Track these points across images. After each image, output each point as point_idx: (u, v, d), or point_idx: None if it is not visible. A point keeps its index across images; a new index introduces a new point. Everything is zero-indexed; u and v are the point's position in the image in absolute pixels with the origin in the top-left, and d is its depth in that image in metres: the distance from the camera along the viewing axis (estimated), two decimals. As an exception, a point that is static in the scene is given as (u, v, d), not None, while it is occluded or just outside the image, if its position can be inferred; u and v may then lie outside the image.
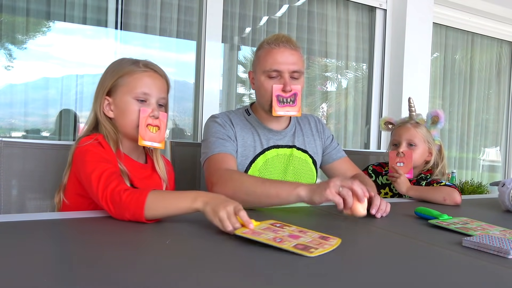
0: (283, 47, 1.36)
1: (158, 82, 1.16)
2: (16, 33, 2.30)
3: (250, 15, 2.83)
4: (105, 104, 1.14)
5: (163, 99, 1.17)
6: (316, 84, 3.24)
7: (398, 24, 3.14)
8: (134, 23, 2.50)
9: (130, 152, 1.18)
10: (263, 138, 1.44)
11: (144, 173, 1.20)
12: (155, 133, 1.12)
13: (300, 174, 1.48)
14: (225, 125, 1.41)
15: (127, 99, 1.12)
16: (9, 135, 2.34)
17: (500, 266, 0.74)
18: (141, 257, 0.69)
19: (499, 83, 4.05)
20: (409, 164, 1.62)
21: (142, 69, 1.14)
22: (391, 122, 1.83)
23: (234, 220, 0.85)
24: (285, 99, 1.36)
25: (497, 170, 4.10)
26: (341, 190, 1.02)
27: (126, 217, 0.92)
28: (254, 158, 1.41)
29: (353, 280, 0.64)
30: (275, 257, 0.73)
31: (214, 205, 0.88)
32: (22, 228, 0.86)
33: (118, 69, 1.14)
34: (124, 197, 0.91)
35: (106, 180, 0.96)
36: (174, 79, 2.71)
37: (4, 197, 1.26)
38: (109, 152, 1.09)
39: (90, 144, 1.07)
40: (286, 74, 1.35)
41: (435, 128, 1.73)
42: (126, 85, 1.12)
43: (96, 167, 0.99)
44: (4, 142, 1.27)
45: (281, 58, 1.36)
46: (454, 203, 1.47)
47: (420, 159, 1.69)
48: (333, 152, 1.58)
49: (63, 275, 0.60)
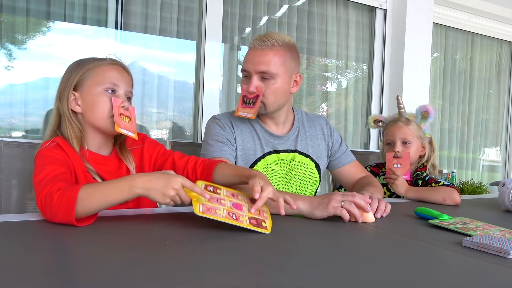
0: (256, 46, 1.33)
1: (125, 75, 1.15)
2: (16, 33, 2.30)
3: (250, 15, 2.83)
4: (71, 99, 1.10)
5: (130, 92, 1.16)
6: (316, 84, 3.24)
7: (398, 24, 3.15)
8: (134, 23, 2.50)
9: (99, 148, 1.15)
10: (263, 142, 1.42)
11: (113, 166, 1.16)
12: (128, 123, 1.11)
13: (303, 179, 1.46)
14: (225, 128, 1.39)
15: (96, 90, 1.09)
16: (9, 135, 2.34)
17: (500, 266, 0.74)
18: (141, 257, 0.69)
19: (499, 83, 4.05)
20: (406, 165, 1.62)
21: (108, 62, 1.13)
22: (380, 120, 1.83)
23: (184, 194, 0.89)
24: (248, 100, 1.33)
25: (497, 170, 4.11)
26: (344, 205, 1.05)
27: (58, 219, 0.85)
28: (254, 162, 1.40)
29: (353, 280, 0.64)
30: (275, 257, 0.73)
31: (159, 188, 0.88)
32: (22, 228, 0.86)
33: (83, 64, 1.12)
34: (56, 197, 0.85)
35: (46, 183, 0.90)
36: (174, 79, 2.71)
37: (4, 197, 1.26)
38: (70, 153, 1.06)
39: (46, 148, 1.03)
40: (253, 75, 1.32)
41: (425, 122, 1.74)
42: (94, 77, 1.10)
43: (42, 170, 0.95)
44: (4, 142, 1.27)
45: (249, 58, 1.34)
46: (454, 203, 1.48)
47: (415, 155, 1.71)
48: (342, 156, 1.56)
49: (63, 275, 0.60)
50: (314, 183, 1.50)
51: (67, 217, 0.84)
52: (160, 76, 2.68)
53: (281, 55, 1.33)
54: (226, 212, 0.90)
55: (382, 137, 1.80)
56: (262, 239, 0.86)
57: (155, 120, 2.70)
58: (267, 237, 0.88)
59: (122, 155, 1.18)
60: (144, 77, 2.59)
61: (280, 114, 1.44)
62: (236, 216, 0.90)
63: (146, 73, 2.61)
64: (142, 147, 1.23)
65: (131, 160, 1.19)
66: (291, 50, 1.37)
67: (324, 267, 0.69)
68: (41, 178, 0.93)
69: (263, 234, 0.88)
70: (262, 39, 1.32)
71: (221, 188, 1.00)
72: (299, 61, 1.42)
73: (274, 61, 1.31)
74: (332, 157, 1.56)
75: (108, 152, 1.18)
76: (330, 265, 0.71)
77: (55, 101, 1.13)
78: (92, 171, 1.08)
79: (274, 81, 1.33)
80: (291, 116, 1.51)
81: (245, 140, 1.41)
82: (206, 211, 0.87)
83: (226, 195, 1.00)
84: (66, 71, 1.14)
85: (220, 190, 1.01)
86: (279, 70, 1.32)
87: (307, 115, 1.58)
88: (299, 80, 1.43)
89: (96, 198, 0.87)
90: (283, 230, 0.97)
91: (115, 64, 1.14)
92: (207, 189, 0.97)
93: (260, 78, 1.32)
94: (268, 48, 1.31)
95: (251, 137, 1.42)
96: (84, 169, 1.08)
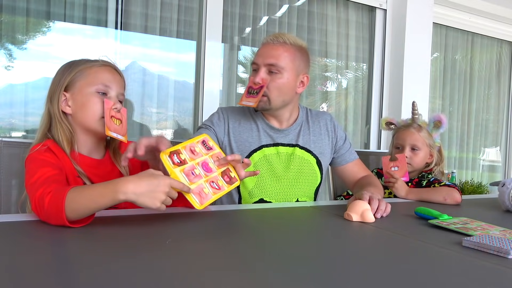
0: (269, 41, 1.39)
1: (117, 77, 1.13)
2: (16, 33, 2.30)
3: (250, 15, 2.83)
4: (62, 100, 1.09)
5: (122, 95, 1.15)
6: (316, 84, 3.24)
7: (398, 24, 3.14)
8: (134, 23, 2.50)
9: (91, 151, 1.14)
10: (262, 134, 1.44)
11: (104, 169, 1.15)
12: (118, 125, 1.10)
13: (301, 173, 1.47)
14: (219, 118, 1.45)
15: (87, 91, 1.08)
16: (9, 135, 2.34)
17: (500, 266, 0.74)
18: (141, 257, 0.69)
19: (499, 83, 4.04)
20: (403, 167, 1.62)
21: (100, 63, 1.12)
22: (393, 123, 1.83)
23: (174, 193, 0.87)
24: (253, 90, 1.37)
25: (497, 170, 4.10)
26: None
27: (52, 221, 0.85)
28: (250, 153, 1.42)
29: (353, 280, 0.64)
30: (275, 257, 0.73)
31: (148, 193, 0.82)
32: (22, 228, 0.86)
33: (75, 65, 1.10)
34: (47, 200, 0.84)
35: (38, 185, 0.89)
36: (174, 79, 2.71)
37: (4, 197, 1.26)
38: (61, 157, 1.04)
39: (37, 151, 1.02)
40: (261, 67, 1.37)
41: (437, 131, 1.75)
42: (85, 77, 1.09)
43: (34, 173, 0.94)
44: (4, 142, 1.27)
45: (260, 51, 1.39)
46: (454, 202, 1.48)
47: (422, 163, 1.72)
48: (346, 154, 1.57)
49: (63, 275, 0.60)
50: (313, 179, 1.50)
51: (60, 220, 0.83)
52: (160, 76, 2.68)
53: (291, 53, 1.38)
54: (209, 185, 0.97)
55: (392, 140, 1.81)
56: (262, 239, 0.86)
57: (155, 120, 2.70)
58: (267, 237, 0.88)
59: (115, 160, 1.17)
60: (144, 77, 2.59)
61: (284, 112, 1.46)
62: (216, 184, 0.99)
63: (146, 73, 2.61)
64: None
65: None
66: (302, 51, 1.42)
67: (324, 267, 0.69)
68: (34, 181, 0.92)
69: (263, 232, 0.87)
70: (275, 36, 1.38)
71: (180, 149, 0.99)
72: (308, 64, 1.46)
73: (284, 56, 1.37)
74: (336, 154, 1.57)
75: (100, 155, 1.17)
76: (330, 265, 0.71)
77: (46, 102, 1.11)
78: (82, 175, 1.06)
79: (281, 75, 1.36)
80: (295, 114, 1.52)
81: (241, 131, 1.45)
82: (202, 200, 0.93)
83: (190, 157, 0.99)
84: (57, 72, 1.12)
85: (182, 154, 0.99)
86: (287, 66, 1.37)
87: (311, 111, 1.60)
88: (306, 81, 1.45)
89: (81, 203, 0.83)
90: (283, 230, 0.97)
91: (107, 66, 1.13)
92: (172, 158, 0.95)
93: (268, 72, 1.37)
94: (279, 44, 1.37)
95: (249, 129, 1.45)
96: (75, 174, 1.06)
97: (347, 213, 1.09)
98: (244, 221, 1.05)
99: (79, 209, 0.83)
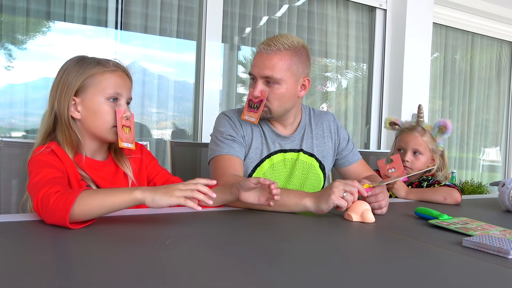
0: (262, 50, 1.31)
1: (127, 82, 1.13)
2: (16, 33, 2.30)
3: (250, 15, 2.83)
4: (71, 104, 1.07)
5: (130, 98, 1.15)
6: (316, 84, 3.24)
7: (398, 24, 3.14)
8: (134, 23, 2.50)
9: (94, 154, 1.13)
10: (270, 141, 1.42)
11: (109, 171, 1.14)
12: (128, 133, 1.09)
13: (305, 178, 1.46)
14: (235, 125, 1.39)
15: (98, 99, 1.06)
16: (9, 135, 2.34)
17: (500, 266, 0.74)
18: (141, 257, 0.69)
19: (499, 83, 4.05)
20: (400, 167, 1.62)
21: (112, 68, 1.09)
22: (397, 123, 1.83)
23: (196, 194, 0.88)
24: (254, 104, 1.33)
25: (497, 170, 4.10)
26: (345, 195, 1.06)
27: (53, 221, 0.85)
28: (260, 161, 1.40)
29: (353, 280, 0.64)
30: (275, 257, 0.73)
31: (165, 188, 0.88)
32: (22, 228, 0.86)
33: (86, 67, 1.07)
34: (53, 200, 0.84)
35: (42, 184, 0.89)
36: (174, 79, 2.71)
37: (4, 197, 1.26)
38: (64, 160, 1.03)
39: (41, 153, 1.01)
40: (258, 79, 1.31)
41: (441, 136, 1.75)
42: (97, 84, 1.07)
43: (38, 173, 0.94)
44: (4, 142, 1.27)
45: (255, 62, 1.33)
46: (454, 202, 1.48)
47: (423, 167, 1.71)
48: (350, 155, 1.56)
49: (63, 275, 0.60)
50: (317, 183, 1.49)
51: (61, 220, 0.83)
52: (160, 76, 2.68)
53: (286, 60, 1.30)
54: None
55: (395, 141, 1.79)
56: (262, 239, 0.86)
57: (155, 120, 2.70)
58: (267, 237, 0.88)
59: (119, 161, 1.16)
60: (144, 77, 2.59)
61: (287, 117, 1.43)
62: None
63: (146, 73, 2.61)
64: (141, 157, 1.23)
65: (128, 165, 1.16)
66: (298, 53, 1.33)
67: (324, 267, 0.69)
68: (37, 180, 0.92)
69: (263, 232, 0.87)
70: (268, 43, 1.30)
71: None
72: (308, 64, 1.38)
73: (279, 66, 1.29)
74: (339, 156, 1.56)
75: (103, 157, 1.16)
76: (330, 265, 0.71)
77: (50, 101, 1.09)
78: (87, 179, 1.06)
79: (279, 86, 1.31)
80: (299, 116, 1.50)
81: (253, 138, 1.41)
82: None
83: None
84: (65, 71, 1.08)
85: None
86: (284, 75, 1.30)
87: (314, 112, 1.56)
88: (307, 84, 1.40)
89: (96, 200, 0.86)
90: (283, 230, 0.97)
91: (118, 70, 1.11)
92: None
93: (265, 83, 1.32)
94: (273, 53, 1.29)
95: (259, 136, 1.42)
96: (78, 177, 1.05)
97: (347, 213, 1.09)
98: (244, 221, 1.05)
99: (92, 208, 0.85)
